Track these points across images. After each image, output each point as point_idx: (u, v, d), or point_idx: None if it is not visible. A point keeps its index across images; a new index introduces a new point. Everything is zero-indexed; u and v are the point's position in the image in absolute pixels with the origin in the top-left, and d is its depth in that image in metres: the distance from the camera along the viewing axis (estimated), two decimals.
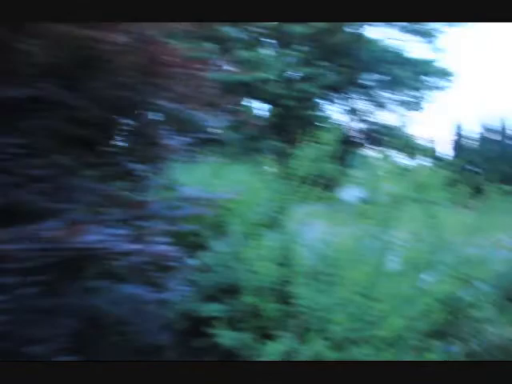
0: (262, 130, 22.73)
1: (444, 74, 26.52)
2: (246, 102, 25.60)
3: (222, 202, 3.76)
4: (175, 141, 3.88)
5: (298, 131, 3.85)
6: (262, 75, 21.92)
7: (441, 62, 26.42)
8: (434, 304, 2.03)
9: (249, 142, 22.29)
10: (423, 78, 27.03)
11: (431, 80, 27.15)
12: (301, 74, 24.73)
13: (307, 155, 3.19)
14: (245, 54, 22.35)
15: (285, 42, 24.23)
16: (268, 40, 25.92)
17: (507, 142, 25.19)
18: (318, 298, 2.06)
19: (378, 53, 25.27)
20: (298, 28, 22.03)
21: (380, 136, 28.61)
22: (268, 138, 21.95)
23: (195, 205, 3.58)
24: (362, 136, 29.96)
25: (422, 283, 2.22)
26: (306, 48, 23.69)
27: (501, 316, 3.22)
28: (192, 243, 3.49)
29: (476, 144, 25.93)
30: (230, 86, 23.13)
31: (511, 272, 3.23)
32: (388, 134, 27.97)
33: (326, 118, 31.62)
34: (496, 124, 25.65)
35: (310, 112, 26.22)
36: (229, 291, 2.57)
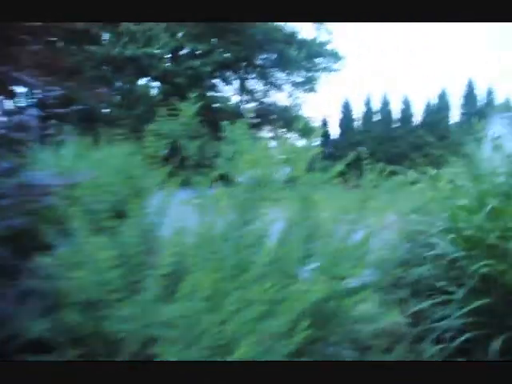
0: (147, 109, 21.53)
1: (335, 56, 27.33)
2: (132, 78, 24.23)
3: (72, 189, 3.12)
4: (27, 117, 3.21)
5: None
6: (150, 50, 20.69)
7: (332, 45, 27.21)
8: (307, 309, 1.65)
9: (131, 120, 21.13)
10: (315, 59, 27.64)
11: (323, 62, 27.87)
12: (191, 51, 23.85)
13: (170, 132, 2.67)
14: (131, 26, 20.90)
15: None
16: None
17: (392, 123, 26.67)
18: (161, 312, 1.58)
19: (270, 32, 25.20)
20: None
21: (272, 116, 28.88)
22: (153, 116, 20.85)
23: (39, 194, 2.93)
24: (255, 116, 30.03)
25: (293, 283, 1.84)
26: (195, 22, 22.74)
27: (386, 303, 3.01)
28: (29, 242, 2.82)
29: (364, 125, 27.13)
30: (114, 60, 21.67)
31: (395, 256, 3.04)
32: (280, 114, 28.33)
33: (217, 98, 31.20)
34: (383, 105, 27.01)
35: (201, 90, 25.51)
36: (60, 305, 2.00)
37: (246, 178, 2.18)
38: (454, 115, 25.84)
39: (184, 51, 24.50)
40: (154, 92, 24.40)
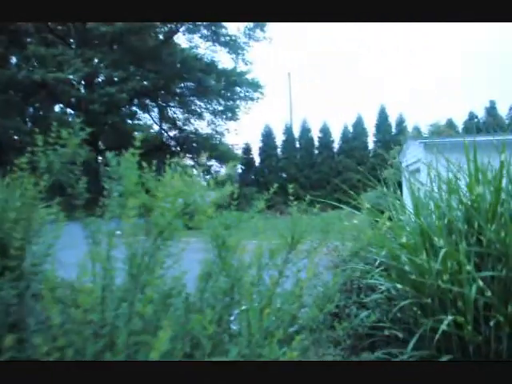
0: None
1: (255, 85, 27.62)
2: (43, 104, 22.79)
3: None
4: None
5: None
6: (63, 75, 19.47)
7: (251, 74, 27.48)
8: None
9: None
10: (236, 88, 27.76)
11: (243, 91, 28.05)
12: (107, 78, 22.87)
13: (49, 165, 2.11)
14: (41, 50, 19.61)
15: (87, 40, 22.05)
16: (68, 37, 23.45)
17: (313, 149, 27.12)
18: None
19: (189, 60, 24.96)
20: (101, 27, 20.13)
21: (194, 144, 28.41)
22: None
23: None
24: (176, 144, 29.40)
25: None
26: (111, 49, 21.86)
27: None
28: None
29: (285, 151, 27.37)
30: (22, 84, 20.18)
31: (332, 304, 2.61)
32: (202, 142, 27.93)
33: (137, 126, 30.20)
34: (303, 132, 27.44)
35: (118, 118, 24.46)
36: None
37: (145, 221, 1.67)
38: (370, 141, 26.87)
39: (100, 78, 23.50)
40: (68, 119, 23.04)
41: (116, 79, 22.52)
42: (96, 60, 22.42)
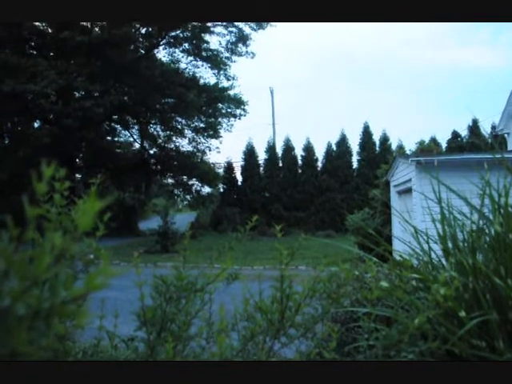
0: (33, 151, 19.15)
1: (237, 101, 26.99)
2: (13, 116, 21.77)
3: None
4: None
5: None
6: (35, 87, 18.55)
7: (234, 90, 26.87)
8: None
9: (13, 163, 18.75)
10: (218, 105, 27.07)
11: (225, 107, 27.38)
12: (84, 91, 22.00)
13: None
14: (12, 59, 18.70)
15: (63, 51, 21.22)
16: (45, 49, 22.64)
17: (296, 168, 26.39)
18: None
19: (169, 75, 24.28)
20: (77, 37, 19.35)
21: (176, 163, 27.48)
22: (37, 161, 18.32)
23: None
24: (157, 162, 28.46)
25: None
26: (87, 61, 20.98)
27: None
28: None
29: (268, 170, 26.59)
30: None
31: None
32: (182, 161, 27.05)
33: (117, 143, 29.26)
34: (288, 151, 26.68)
35: (96, 134, 23.51)
36: None
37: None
38: (354, 160, 26.38)
39: (75, 92, 22.62)
40: (41, 133, 21.99)
41: (93, 93, 21.68)
42: (74, 73, 21.59)
